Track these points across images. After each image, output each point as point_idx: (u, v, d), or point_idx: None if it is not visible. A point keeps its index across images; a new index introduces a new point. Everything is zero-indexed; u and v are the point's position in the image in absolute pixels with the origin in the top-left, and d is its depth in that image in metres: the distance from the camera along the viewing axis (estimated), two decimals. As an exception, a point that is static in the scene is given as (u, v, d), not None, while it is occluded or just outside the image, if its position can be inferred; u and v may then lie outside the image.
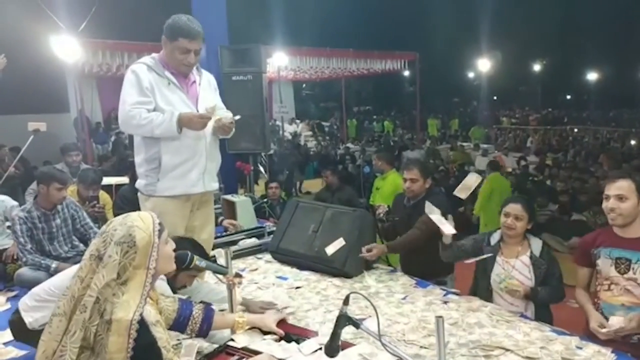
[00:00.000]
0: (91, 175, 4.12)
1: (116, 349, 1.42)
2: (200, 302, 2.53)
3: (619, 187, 2.29)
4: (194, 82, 2.84)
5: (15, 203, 3.89)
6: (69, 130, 10.96)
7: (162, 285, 2.29)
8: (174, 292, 2.42)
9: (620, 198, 2.28)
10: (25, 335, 2.22)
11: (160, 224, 1.62)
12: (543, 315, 2.59)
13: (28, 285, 3.01)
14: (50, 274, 3.07)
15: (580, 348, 2.15)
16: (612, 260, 2.34)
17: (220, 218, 4.08)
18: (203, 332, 2.00)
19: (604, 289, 2.37)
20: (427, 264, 3.12)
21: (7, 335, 2.48)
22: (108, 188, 4.84)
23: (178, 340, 2.15)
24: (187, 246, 2.44)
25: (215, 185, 3.00)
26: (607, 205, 2.33)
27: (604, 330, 2.19)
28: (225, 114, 2.85)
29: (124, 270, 1.50)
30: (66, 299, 1.49)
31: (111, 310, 1.45)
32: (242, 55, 5.61)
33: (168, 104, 2.69)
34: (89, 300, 1.46)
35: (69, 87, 11.18)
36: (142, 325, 1.47)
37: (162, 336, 1.53)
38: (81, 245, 3.54)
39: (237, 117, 2.85)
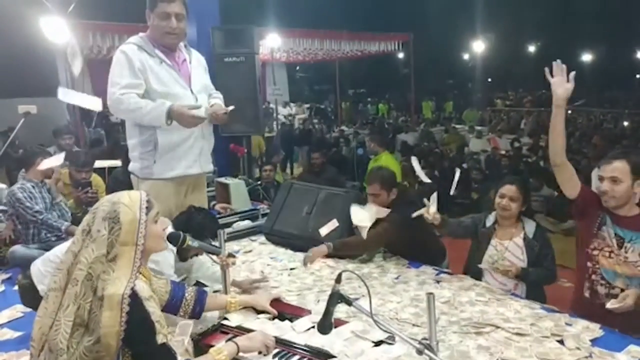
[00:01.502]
0: (82, 157, 4.09)
1: (110, 324, 1.44)
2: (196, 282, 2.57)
3: (613, 168, 2.25)
4: (185, 60, 2.82)
5: (3, 186, 3.89)
6: (60, 114, 10.84)
7: (168, 256, 2.31)
8: (186, 261, 2.44)
9: (614, 180, 2.24)
10: (35, 301, 2.22)
11: (148, 201, 1.63)
12: (535, 295, 2.62)
13: (21, 262, 3.09)
14: (62, 234, 3.33)
15: (570, 325, 2.18)
16: (614, 232, 2.32)
17: (213, 202, 4.08)
18: (196, 313, 2.02)
19: (604, 255, 2.34)
20: (419, 253, 3.11)
21: (3, 317, 2.50)
22: (101, 171, 4.81)
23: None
24: (201, 217, 2.47)
25: (210, 166, 3.00)
26: (601, 187, 2.28)
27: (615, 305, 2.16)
28: (219, 102, 2.85)
29: (111, 246, 1.52)
30: (61, 274, 1.52)
31: (103, 287, 1.47)
32: (235, 36, 5.55)
33: (161, 84, 2.65)
34: (79, 274, 1.48)
35: (59, 70, 11.03)
36: (135, 299, 1.48)
37: (155, 311, 1.54)
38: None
39: (231, 107, 2.84)
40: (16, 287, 2.56)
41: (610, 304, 2.15)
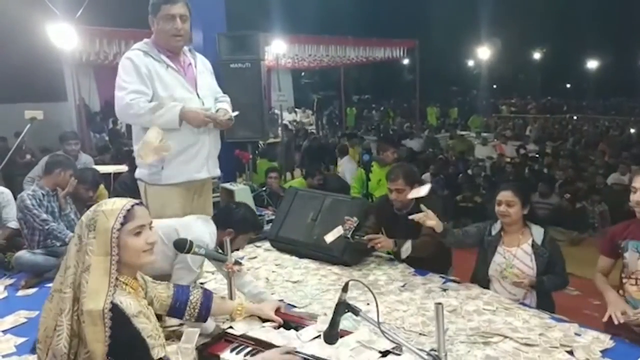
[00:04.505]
0: (91, 175, 3.98)
1: (94, 339, 1.43)
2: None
3: None
4: (190, 64, 2.82)
5: (7, 190, 3.87)
6: (67, 119, 10.91)
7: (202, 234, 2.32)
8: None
9: None
10: None
11: (129, 211, 1.54)
12: (545, 304, 2.58)
13: (27, 268, 3.16)
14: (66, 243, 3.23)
15: (579, 335, 2.15)
16: (639, 254, 2.25)
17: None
18: (202, 317, 1.98)
19: (631, 283, 2.28)
20: (425, 259, 3.05)
21: (7, 323, 2.49)
22: (106, 177, 4.81)
23: (180, 324, 2.15)
24: (242, 211, 2.48)
25: (217, 171, 3.00)
26: (634, 198, 2.21)
27: (625, 315, 2.13)
28: (225, 107, 2.85)
29: (84, 254, 1.48)
30: (64, 275, 1.52)
31: (83, 301, 1.45)
32: (241, 42, 5.55)
33: (166, 89, 2.66)
34: (70, 279, 1.48)
35: (66, 76, 11.09)
36: (121, 317, 1.45)
37: (147, 326, 1.51)
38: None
39: (236, 113, 2.84)
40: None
41: None
